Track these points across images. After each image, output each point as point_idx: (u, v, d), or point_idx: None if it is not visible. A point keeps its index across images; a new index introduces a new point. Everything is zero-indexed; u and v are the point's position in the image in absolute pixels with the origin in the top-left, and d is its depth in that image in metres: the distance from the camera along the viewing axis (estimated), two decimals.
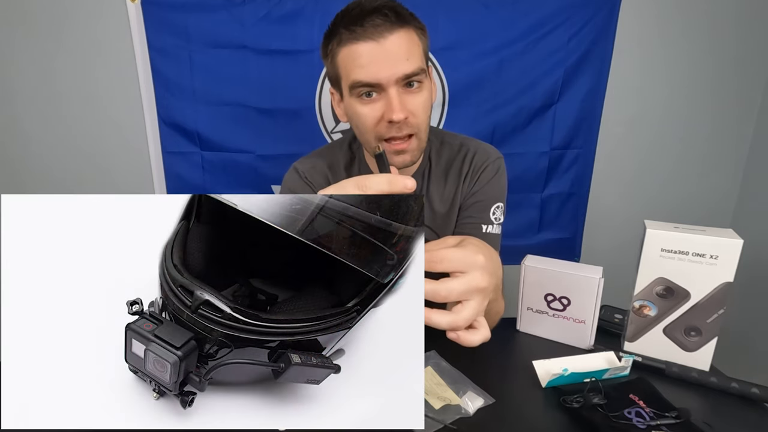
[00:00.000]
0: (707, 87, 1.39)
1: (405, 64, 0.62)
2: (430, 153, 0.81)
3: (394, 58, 0.61)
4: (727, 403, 0.59)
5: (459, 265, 0.39)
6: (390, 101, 0.62)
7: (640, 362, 0.66)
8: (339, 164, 0.80)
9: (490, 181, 0.79)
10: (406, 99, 0.64)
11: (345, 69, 0.64)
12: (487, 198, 0.79)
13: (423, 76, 0.65)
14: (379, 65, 0.61)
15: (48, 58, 1.29)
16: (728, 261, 0.62)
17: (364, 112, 0.65)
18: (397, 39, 0.61)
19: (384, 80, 0.62)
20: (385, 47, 0.61)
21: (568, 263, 0.73)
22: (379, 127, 0.65)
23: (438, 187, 0.80)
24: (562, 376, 0.60)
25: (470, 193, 0.79)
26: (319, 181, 0.79)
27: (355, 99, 0.65)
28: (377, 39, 0.60)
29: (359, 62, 0.62)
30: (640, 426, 0.52)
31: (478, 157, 0.80)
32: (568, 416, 0.56)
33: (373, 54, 0.61)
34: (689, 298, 0.65)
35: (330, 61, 0.67)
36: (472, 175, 0.80)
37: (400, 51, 0.61)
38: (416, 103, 0.65)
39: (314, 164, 0.80)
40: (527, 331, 0.77)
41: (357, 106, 0.65)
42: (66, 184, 1.40)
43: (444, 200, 0.80)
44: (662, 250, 0.66)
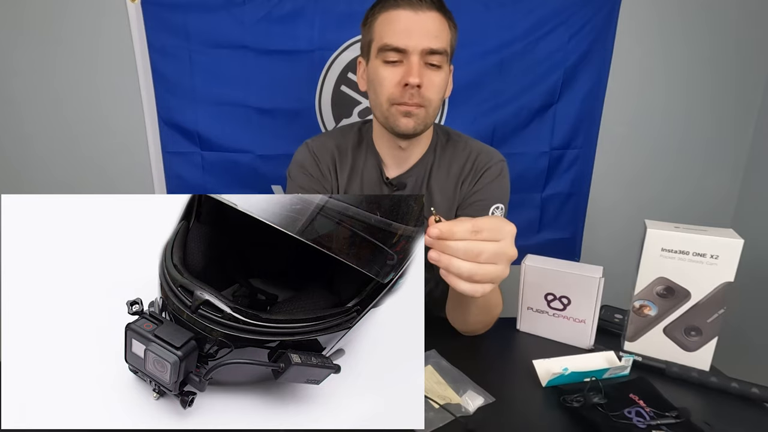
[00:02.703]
0: (707, 87, 1.38)
1: (432, 40, 0.69)
2: (436, 146, 0.83)
3: (424, 31, 0.68)
4: (727, 403, 0.59)
5: (494, 233, 0.45)
6: (411, 66, 0.69)
7: (641, 362, 0.66)
8: (347, 145, 0.85)
9: (492, 182, 0.81)
10: (424, 71, 0.70)
11: (379, 32, 0.71)
12: (487, 198, 0.80)
13: (444, 59, 0.71)
14: (410, 33, 0.68)
15: (48, 58, 1.29)
16: (729, 261, 0.62)
17: (386, 75, 0.71)
18: (431, 16, 0.69)
19: (411, 47, 0.68)
20: (420, 19, 0.68)
21: (569, 263, 0.73)
22: (395, 90, 0.70)
23: (438, 181, 0.82)
24: (563, 375, 0.60)
25: (471, 192, 0.81)
26: (325, 158, 0.84)
27: (380, 62, 0.71)
28: (416, 10, 0.68)
29: (394, 26, 0.69)
30: (641, 425, 0.52)
31: (481, 158, 0.82)
32: (568, 415, 0.56)
33: (409, 21, 0.68)
34: (689, 297, 0.65)
35: (367, 28, 0.74)
36: (473, 175, 0.81)
37: (431, 27, 0.69)
38: (432, 78, 0.71)
39: (324, 142, 0.86)
40: (527, 330, 0.77)
41: (380, 68, 0.71)
42: (66, 183, 1.40)
43: (443, 194, 0.82)
44: (663, 250, 0.65)
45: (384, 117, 0.74)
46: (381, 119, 0.76)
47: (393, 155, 0.82)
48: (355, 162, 0.83)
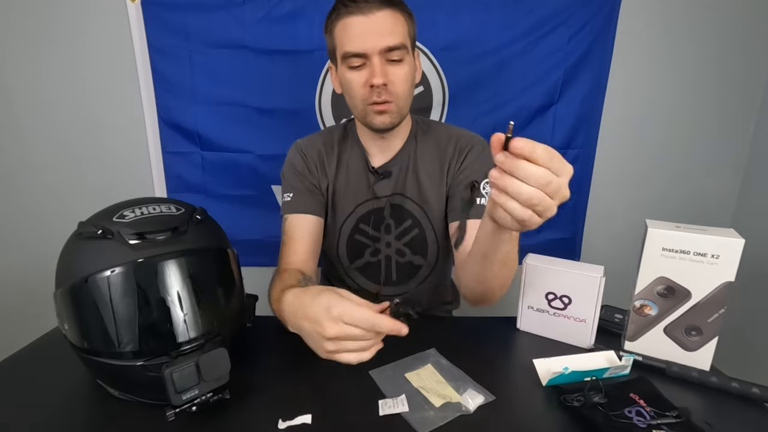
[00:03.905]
0: (708, 86, 1.38)
1: (388, 38, 0.72)
2: (416, 133, 0.89)
3: (379, 31, 0.72)
4: (727, 403, 0.59)
5: (561, 169, 0.43)
6: (373, 68, 0.73)
7: (641, 361, 0.66)
8: (333, 140, 0.91)
9: (477, 159, 0.85)
10: (387, 69, 0.74)
11: (339, 40, 0.75)
12: (474, 174, 0.84)
13: (404, 52, 0.75)
14: (365, 37, 0.72)
15: (47, 58, 1.29)
16: (729, 260, 0.62)
17: (353, 78, 0.76)
18: (383, 15, 0.72)
19: (369, 50, 0.72)
20: (373, 21, 0.71)
21: (570, 262, 0.73)
22: (364, 91, 0.75)
23: (424, 165, 0.87)
24: (563, 374, 0.60)
25: (459, 172, 0.86)
26: (312, 155, 0.89)
27: (346, 68, 0.76)
28: (366, 13, 0.71)
29: (350, 33, 0.73)
30: (641, 425, 0.52)
31: (462, 140, 0.87)
32: (568, 415, 0.56)
33: (362, 26, 0.72)
34: (690, 297, 0.65)
35: (329, 35, 0.78)
36: (458, 157, 0.86)
37: (385, 26, 0.72)
38: (396, 74, 0.75)
39: (311, 140, 0.92)
40: (528, 329, 0.77)
41: (347, 73, 0.76)
42: (66, 183, 1.40)
43: (431, 178, 0.87)
44: (663, 250, 0.65)
45: (361, 117, 0.80)
46: (360, 119, 0.82)
47: (376, 145, 0.87)
48: (341, 154, 0.89)
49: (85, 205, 0.70)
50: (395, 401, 0.57)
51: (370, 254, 0.91)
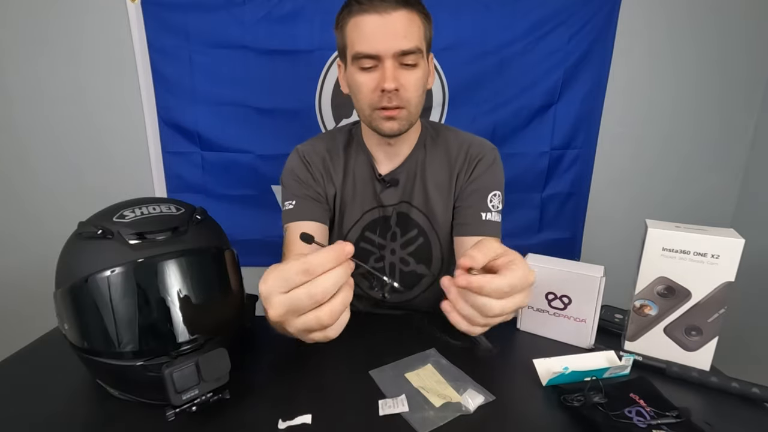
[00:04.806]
0: (708, 86, 1.39)
1: (403, 41, 0.68)
2: (426, 140, 0.85)
3: (394, 33, 0.68)
4: (727, 403, 0.59)
5: (521, 285, 0.45)
6: (385, 72, 0.69)
7: (641, 361, 0.66)
8: (338, 146, 0.86)
9: (487, 171, 0.83)
10: (399, 73, 0.70)
11: (351, 39, 0.71)
12: (483, 187, 0.82)
13: (419, 57, 0.71)
14: (379, 38, 0.68)
15: (47, 58, 1.29)
16: (729, 261, 0.62)
17: (362, 81, 0.71)
18: (399, 16, 0.67)
19: (382, 52, 0.68)
20: (388, 21, 0.67)
21: (570, 262, 0.73)
22: (373, 95, 0.71)
23: (433, 174, 0.84)
24: (563, 374, 0.60)
25: (468, 183, 0.83)
26: (316, 162, 0.84)
27: (356, 69, 0.72)
28: (381, 13, 0.67)
29: (363, 32, 0.68)
30: (641, 425, 0.52)
31: (473, 148, 0.84)
32: (568, 415, 0.56)
33: (376, 26, 0.67)
34: (690, 297, 0.65)
35: (340, 32, 0.74)
36: (468, 166, 0.84)
37: (400, 28, 0.68)
38: (409, 79, 0.71)
39: (314, 146, 0.86)
40: (528, 329, 0.77)
41: (357, 75, 0.72)
42: (65, 183, 1.40)
43: (439, 187, 0.84)
44: (663, 250, 0.65)
45: (368, 121, 0.76)
46: (366, 123, 0.79)
47: (383, 151, 0.84)
48: (347, 161, 0.85)
49: (85, 205, 0.70)
50: (395, 401, 0.57)
51: (374, 261, 0.90)
